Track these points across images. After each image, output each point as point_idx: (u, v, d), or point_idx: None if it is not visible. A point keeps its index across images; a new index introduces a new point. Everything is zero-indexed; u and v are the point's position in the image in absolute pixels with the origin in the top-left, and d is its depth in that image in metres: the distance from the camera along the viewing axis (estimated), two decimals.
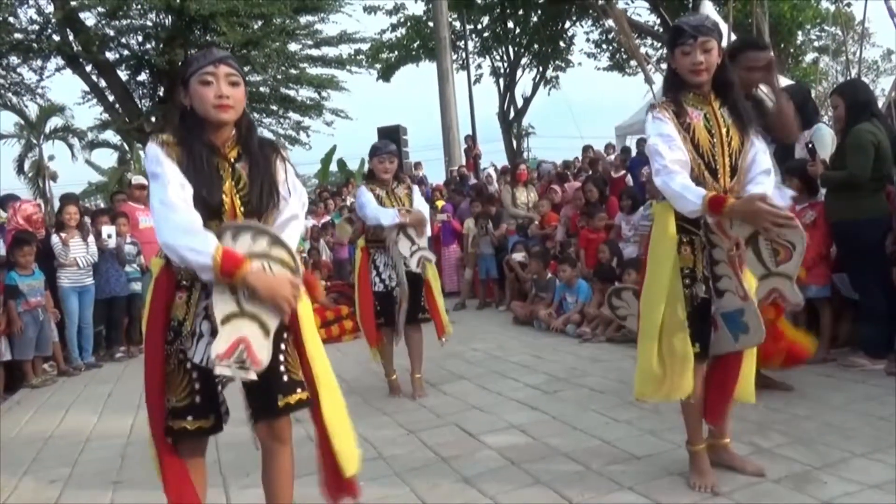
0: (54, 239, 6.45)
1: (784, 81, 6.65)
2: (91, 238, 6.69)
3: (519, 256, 7.46)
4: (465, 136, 14.76)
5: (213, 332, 1.87)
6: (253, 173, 1.94)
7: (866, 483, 2.48)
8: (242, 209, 1.93)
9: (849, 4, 16.93)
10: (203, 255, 1.74)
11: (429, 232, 4.37)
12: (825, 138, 4.43)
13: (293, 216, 2.02)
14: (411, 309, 4.32)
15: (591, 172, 8.78)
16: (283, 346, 1.98)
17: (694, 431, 2.62)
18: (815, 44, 19.61)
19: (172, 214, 1.77)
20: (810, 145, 4.13)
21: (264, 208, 1.95)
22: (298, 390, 1.98)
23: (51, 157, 27.69)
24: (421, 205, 4.37)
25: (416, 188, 4.50)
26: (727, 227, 2.33)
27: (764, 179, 2.42)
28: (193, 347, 1.92)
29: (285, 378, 1.97)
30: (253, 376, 1.85)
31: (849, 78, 6.98)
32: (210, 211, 1.87)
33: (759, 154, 2.46)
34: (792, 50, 18.00)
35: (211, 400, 1.97)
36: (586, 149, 10.43)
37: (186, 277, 1.92)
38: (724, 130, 2.42)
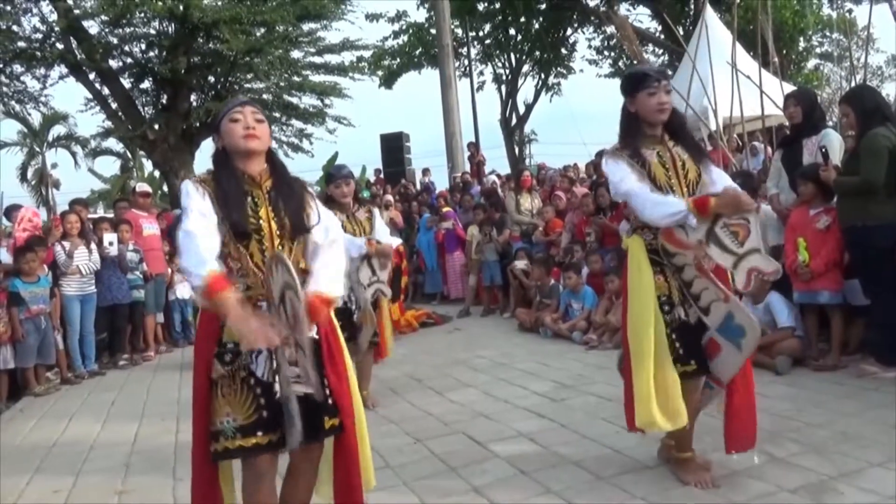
0: (57, 248, 6.44)
1: (787, 87, 6.66)
2: (94, 245, 6.67)
3: (521, 264, 7.42)
4: (468, 143, 14.74)
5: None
6: (286, 202, 2.13)
7: (884, 493, 2.45)
8: (278, 232, 2.10)
9: (850, 11, 16.95)
10: (196, 276, 1.89)
11: (389, 266, 4.40)
12: (833, 143, 4.41)
13: (334, 240, 2.19)
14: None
15: (595, 178, 8.73)
16: (325, 370, 2.07)
17: (684, 438, 2.69)
18: (817, 50, 19.59)
19: (188, 242, 1.94)
20: (824, 149, 4.09)
21: (298, 232, 2.14)
22: (337, 415, 2.07)
23: (54, 165, 27.80)
24: (382, 229, 4.40)
25: (376, 211, 4.52)
26: (683, 239, 2.46)
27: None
28: (255, 363, 2.02)
29: (330, 401, 2.07)
30: (311, 389, 1.96)
31: (854, 84, 6.96)
32: (243, 233, 2.05)
33: (721, 176, 2.69)
34: (794, 56, 17.98)
35: (277, 415, 2.00)
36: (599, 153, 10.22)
37: None
38: (679, 164, 2.62)
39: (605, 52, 21.56)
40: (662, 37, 18.43)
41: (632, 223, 2.71)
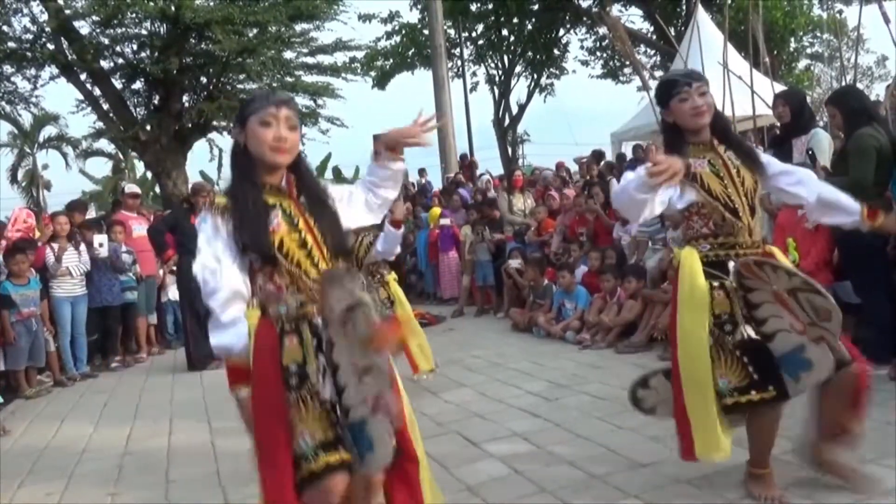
0: (47, 250, 6.41)
1: (778, 87, 6.69)
2: (83, 247, 6.64)
3: (515, 263, 7.44)
4: (462, 154, 14.75)
5: (329, 364, 1.83)
6: (319, 218, 1.91)
7: (875, 489, 2.46)
8: (323, 241, 1.90)
9: (840, 11, 17.07)
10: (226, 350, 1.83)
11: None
12: (822, 143, 4.44)
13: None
14: None
15: (588, 178, 8.75)
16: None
17: (762, 455, 2.48)
18: (808, 50, 19.71)
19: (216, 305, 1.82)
20: (810, 151, 4.12)
21: (338, 253, 1.93)
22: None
23: (44, 167, 27.71)
24: None
25: None
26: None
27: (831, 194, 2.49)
28: (323, 384, 1.84)
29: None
30: (398, 425, 1.84)
31: (843, 85, 7.02)
32: (269, 256, 1.82)
33: (790, 175, 2.52)
34: (785, 57, 18.09)
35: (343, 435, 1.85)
36: (599, 155, 10.21)
37: (289, 322, 1.85)
38: (733, 171, 2.42)
39: (598, 53, 21.62)
40: (654, 37, 18.49)
41: (685, 234, 2.49)
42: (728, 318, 2.33)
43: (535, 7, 20.40)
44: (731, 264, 2.35)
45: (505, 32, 21.78)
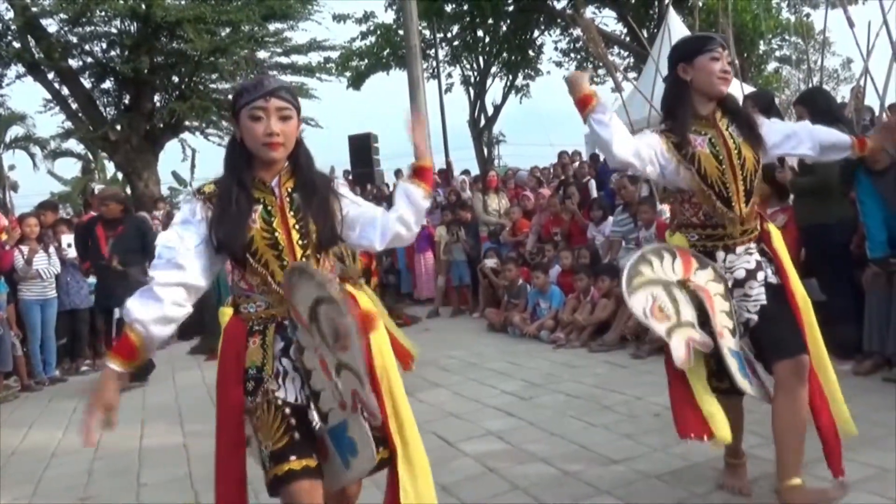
0: (16, 253, 6.28)
1: (748, 89, 6.80)
2: (52, 249, 6.52)
3: (491, 262, 7.48)
4: (440, 169, 14.74)
5: (295, 369, 1.80)
6: (308, 207, 1.82)
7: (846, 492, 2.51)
8: (301, 242, 1.81)
9: (808, 15, 17.45)
10: (128, 315, 1.73)
11: None
12: None
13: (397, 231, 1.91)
14: None
15: (563, 178, 8.83)
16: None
17: (736, 446, 2.60)
18: (777, 53, 20.12)
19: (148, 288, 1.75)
20: None
21: (324, 244, 1.85)
22: (381, 447, 1.83)
23: (11, 167, 27.06)
24: None
25: None
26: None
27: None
28: (282, 388, 1.78)
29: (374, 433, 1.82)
30: (376, 422, 1.76)
31: (810, 86, 7.17)
32: (236, 252, 1.77)
33: (789, 129, 2.48)
34: (754, 59, 18.43)
35: (310, 439, 1.79)
36: (562, 154, 10.51)
37: (258, 322, 1.82)
38: (734, 152, 2.30)
39: (572, 55, 21.80)
40: (627, 39, 18.71)
41: (677, 219, 2.46)
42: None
43: (510, 8, 20.50)
44: (720, 254, 2.34)
45: (480, 33, 21.84)
